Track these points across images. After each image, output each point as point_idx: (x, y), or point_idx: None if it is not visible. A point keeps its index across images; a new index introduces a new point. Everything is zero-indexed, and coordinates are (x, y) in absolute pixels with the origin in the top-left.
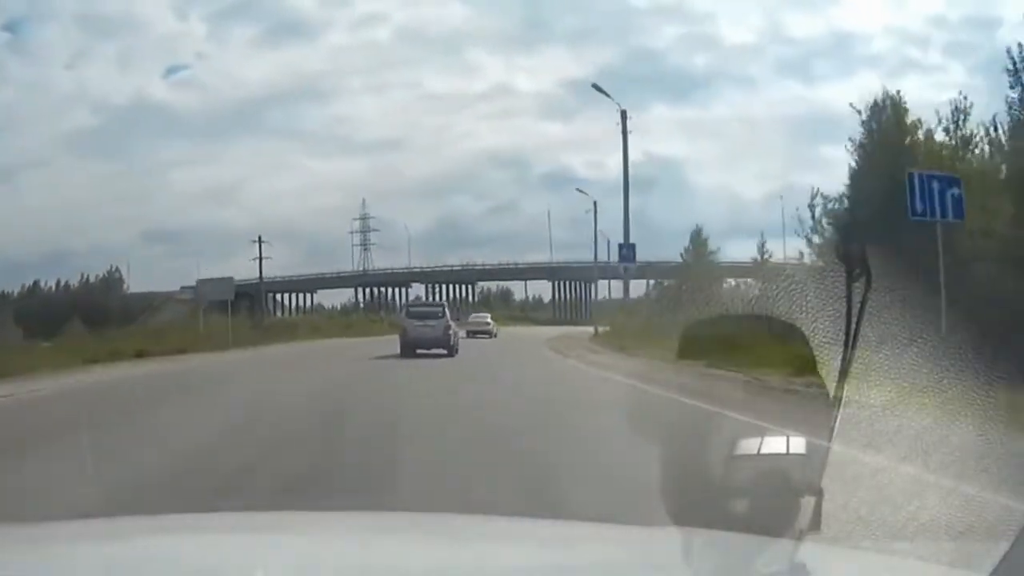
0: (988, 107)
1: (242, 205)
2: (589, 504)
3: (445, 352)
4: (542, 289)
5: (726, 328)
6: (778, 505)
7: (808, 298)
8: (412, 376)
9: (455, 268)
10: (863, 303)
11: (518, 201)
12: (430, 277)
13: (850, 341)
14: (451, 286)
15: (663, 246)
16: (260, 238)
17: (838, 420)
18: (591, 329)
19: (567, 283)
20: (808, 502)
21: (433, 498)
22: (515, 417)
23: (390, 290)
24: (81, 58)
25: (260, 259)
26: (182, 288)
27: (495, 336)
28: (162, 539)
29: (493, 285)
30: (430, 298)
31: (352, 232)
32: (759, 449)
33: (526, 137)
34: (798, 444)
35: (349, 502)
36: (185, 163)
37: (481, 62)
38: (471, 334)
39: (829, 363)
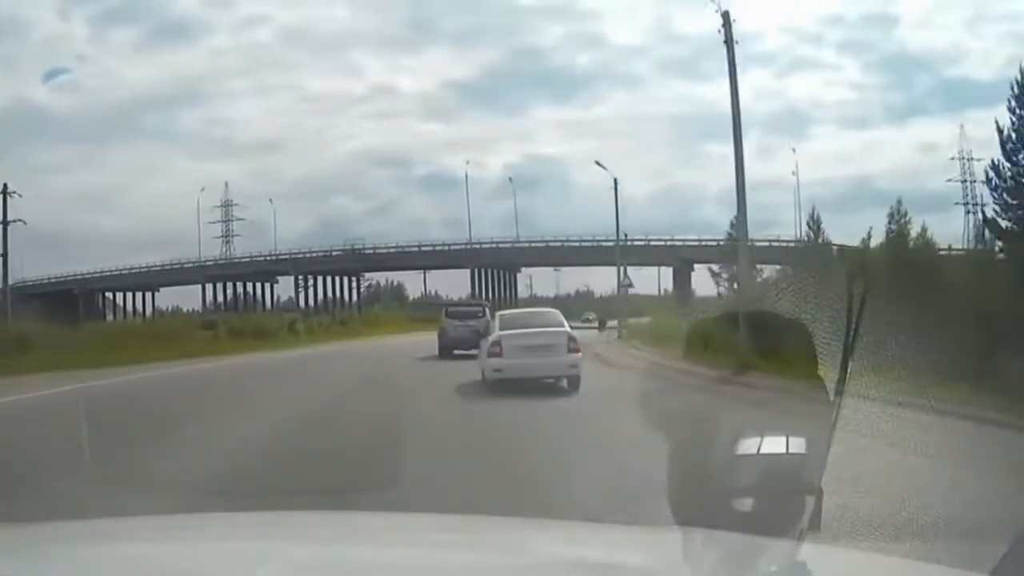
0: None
1: (120, 209)
2: None
3: None
4: (445, 283)
5: None
6: (778, 505)
7: None
8: None
9: (335, 253)
10: (862, 304)
11: (399, 202)
12: (302, 266)
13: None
14: (330, 279)
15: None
16: (5, 187)
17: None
18: (598, 333)
19: (490, 273)
20: (808, 501)
21: None
22: None
23: (253, 286)
24: None
25: (4, 222)
26: None
27: None
28: (162, 540)
29: (383, 279)
30: (299, 295)
31: (212, 222)
32: (759, 449)
33: (407, 138)
34: (798, 444)
35: None
36: (63, 167)
37: (364, 63)
38: None
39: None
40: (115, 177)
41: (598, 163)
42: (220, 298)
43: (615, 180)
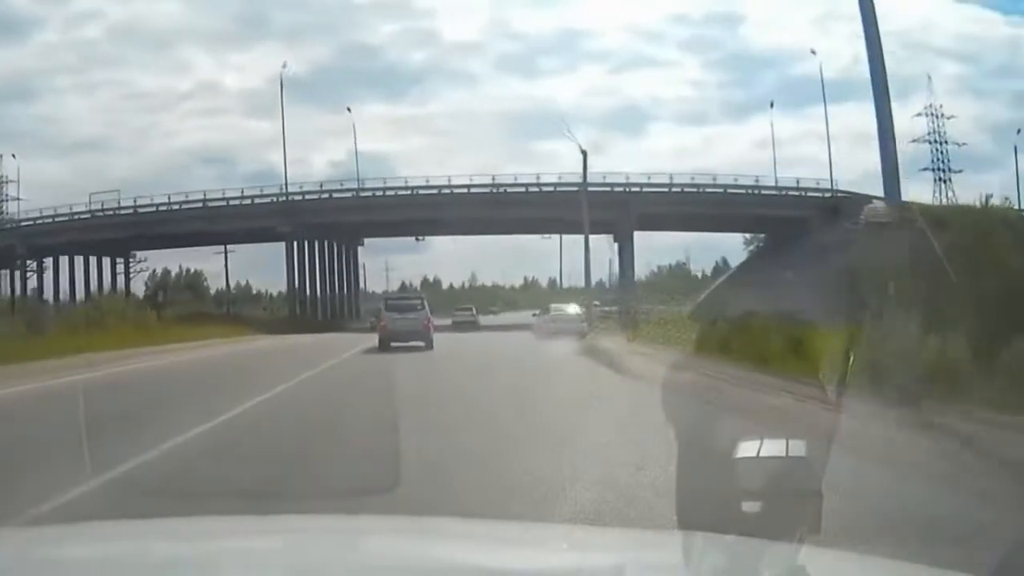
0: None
1: None
2: None
3: (423, 344)
4: (258, 267)
5: None
6: (778, 507)
7: None
8: None
9: (81, 217)
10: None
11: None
12: (34, 240)
13: None
14: (84, 261)
15: None
16: None
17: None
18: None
19: (319, 248)
20: (807, 504)
21: None
22: None
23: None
24: None
25: None
26: None
27: (478, 326)
28: (158, 543)
29: (176, 267)
30: (39, 281)
31: None
32: (759, 452)
33: (233, 135)
34: (797, 447)
35: None
36: None
37: (192, 59)
38: (457, 324)
39: None
40: None
41: None
42: None
43: None
